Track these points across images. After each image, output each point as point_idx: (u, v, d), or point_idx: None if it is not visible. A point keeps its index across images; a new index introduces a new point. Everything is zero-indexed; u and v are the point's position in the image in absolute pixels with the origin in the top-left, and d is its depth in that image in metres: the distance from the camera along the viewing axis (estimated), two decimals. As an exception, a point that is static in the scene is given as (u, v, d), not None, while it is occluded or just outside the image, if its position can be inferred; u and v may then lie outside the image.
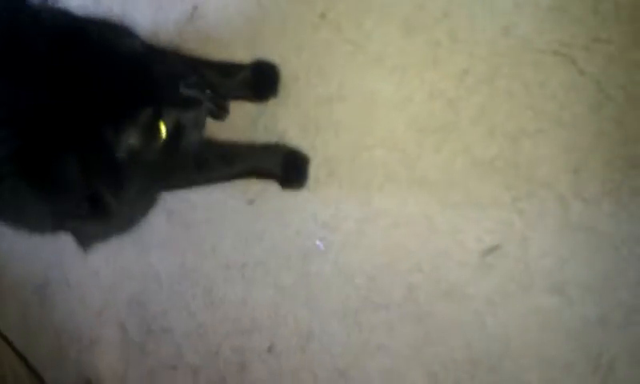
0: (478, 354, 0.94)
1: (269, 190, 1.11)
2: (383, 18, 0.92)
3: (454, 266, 0.95)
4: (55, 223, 0.77)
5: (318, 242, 1.08)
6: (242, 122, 1.13)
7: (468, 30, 0.86)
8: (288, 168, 1.07)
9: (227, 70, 1.09)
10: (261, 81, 1.08)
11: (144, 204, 0.84)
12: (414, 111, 0.93)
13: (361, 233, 1.03)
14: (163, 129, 0.67)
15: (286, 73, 1.07)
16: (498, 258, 0.91)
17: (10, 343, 1.67)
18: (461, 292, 0.94)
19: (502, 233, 0.90)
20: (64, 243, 1.46)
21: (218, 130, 1.15)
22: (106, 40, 0.67)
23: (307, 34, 1.02)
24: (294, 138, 1.07)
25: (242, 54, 1.10)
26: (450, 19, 0.87)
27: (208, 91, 0.77)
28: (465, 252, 0.94)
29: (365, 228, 1.03)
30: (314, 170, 1.06)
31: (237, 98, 1.11)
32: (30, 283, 1.59)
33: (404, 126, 0.95)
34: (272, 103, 1.09)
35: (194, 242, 1.27)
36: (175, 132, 0.69)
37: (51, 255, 1.52)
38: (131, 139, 0.64)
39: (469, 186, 0.91)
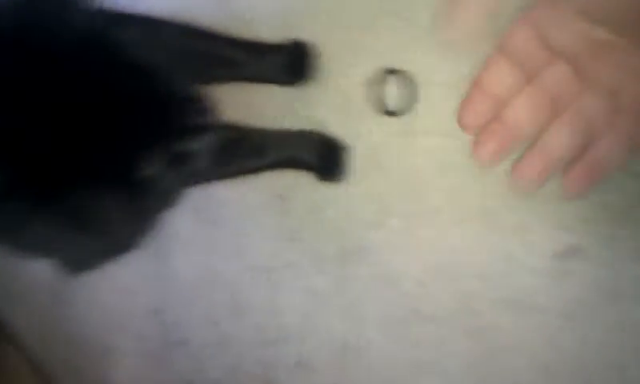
0: (549, 376, 0.80)
1: (301, 184, 1.00)
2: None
3: (522, 270, 0.82)
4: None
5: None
6: (276, 109, 1.02)
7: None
8: (325, 157, 0.96)
9: (259, 49, 0.99)
10: (295, 61, 0.98)
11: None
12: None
13: (408, 232, 0.91)
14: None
15: (324, 52, 0.95)
16: (576, 261, 0.77)
17: (21, 349, 1.59)
18: (529, 302, 0.81)
19: (583, 231, 0.77)
20: None
21: (248, 117, 1.05)
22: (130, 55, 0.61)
23: (347, 7, 0.91)
24: (334, 124, 0.96)
25: (277, 36, 0.99)
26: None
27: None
28: (535, 254, 0.81)
29: (413, 226, 0.91)
30: (356, 160, 0.94)
31: (269, 81, 1.01)
32: (45, 286, 1.50)
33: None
34: (308, 87, 0.98)
35: (218, 243, 1.16)
36: (179, 160, 0.62)
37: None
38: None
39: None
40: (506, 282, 0.83)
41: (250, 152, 0.97)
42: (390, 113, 0.88)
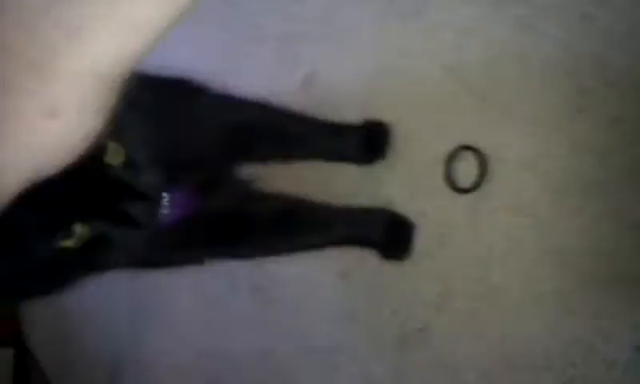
0: None
1: (366, 262, 0.98)
2: (518, 66, 0.83)
3: (597, 362, 0.75)
4: None
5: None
6: (345, 185, 1.04)
7: (621, 72, 0.74)
8: (390, 235, 0.95)
9: (338, 129, 1.03)
10: (370, 141, 1.01)
11: None
12: (549, 169, 0.80)
13: (473, 315, 0.87)
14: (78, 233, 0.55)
15: (400, 132, 0.98)
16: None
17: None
18: (606, 397, 0.73)
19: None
20: (141, 320, 1.40)
21: (318, 193, 1.07)
22: None
23: (428, 89, 0.94)
24: (401, 203, 0.96)
25: (354, 113, 1.04)
26: (600, 61, 0.76)
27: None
28: (612, 344, 0.74)
29: (479, 309, 0.87)
30: (422, 239, 0.93)
31: (347, 160, 1.03)
32: (103, 365, 1.51)
33: (536, 187, 0.82)
34: (379, 166, 1.00)
35: (276, 322, 1.14)
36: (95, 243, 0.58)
37: (126, 333, 1.45)
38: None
39: (618, 258, 0.74)
40: (579, 373, 0.76)
41: (315, 226, 0.97)
42: (462, 189, 0.88)
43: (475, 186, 0.87)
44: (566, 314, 0.78)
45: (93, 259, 0.59)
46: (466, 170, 0.88)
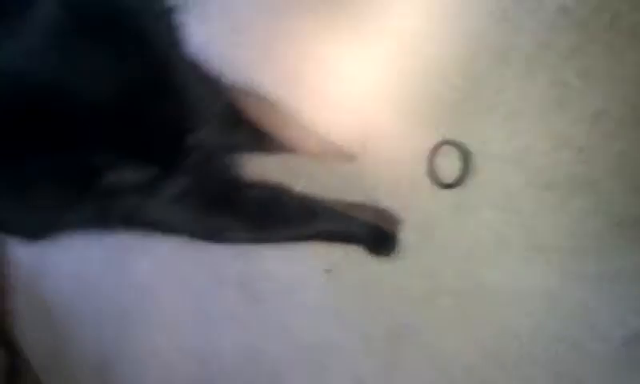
0: None
1: (352, 258, 0.98)
2: (496, 61, 0.82)
3: (583, 356, 0.76)
4: None
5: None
6: (331, 181, 1.03)
7: (604, 67, 0.73)
8: (375, 231, 0.94)
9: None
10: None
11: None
12: (533, 164, 0.79)
13: (460, 311, 0.87)
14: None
15: (380, 126, 0.97)
16: (647, 348, 0.71)
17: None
18: (593, 392, 0.74)
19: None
20: (128, 317, 1.40)
21: (302, 187, 1.06)
22: None
23: (405, 82, 0.93)
24: (384, 195, 0.95)
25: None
26: (581, 55, 0.75)
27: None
28: (599, 339, 0.75)
29: (466, 305, 0.87)
30: (407, 234, 0.92)
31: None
32: (91, 362, 1.51)
33: (521, 182, 0.81)
34: (361, 160, 0.99)
35: (262, 318, 1.14)
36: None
37: (113, 330, 1.45)
38: None
39: (605, 254, 0.74)
40: (565, 369, 0.76)
41: (299, 217, 0.96)
42: (445, 185, 0.87)
43: (459, 182, 0.86)
44: (553, 311, 0.78)
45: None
46: (449, 166, 0.87)
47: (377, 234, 0.95)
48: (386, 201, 0.95)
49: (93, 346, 1.49)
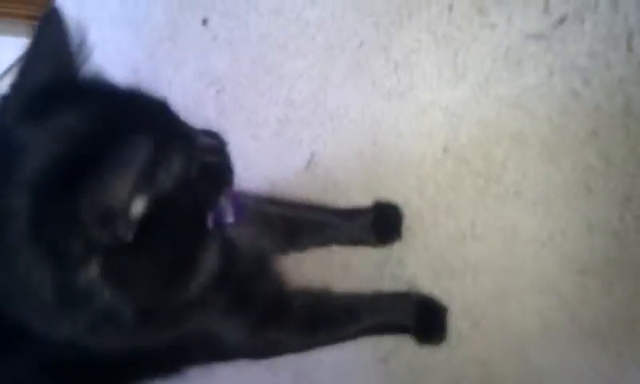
0: None
1: (404, 346, 0.99)
2: (516, 146, 0.82)
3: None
4: None
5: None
6: (366, 270, 1.06)
7: (624, 149, 0.73)
8: (423, 320, 0.96)
9: (347, 215, 1.05)
10: (383, 223, 1.02)
11: None
12: (569, 249, 0.79)
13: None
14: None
15: (409, 213, 0.99)
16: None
17: None
18: None
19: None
20: None
21: (338, 279, 1.09)
22: None
23: (429, 170, 0.94)
24: (426, 284, 0.97)
25: (362, 198, 1.05)
26: (600, 138, 0.74)
27: None
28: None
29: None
30: (453, 321, 0.93)
31: (359, 243, 1.05)
32: None
33: (559, 267, 0.81)
34: (397, 247, 1.01)
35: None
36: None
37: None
38: None
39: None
40: None
41: (342, 316, 0.98)
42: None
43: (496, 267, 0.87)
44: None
45: None
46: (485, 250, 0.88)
47: (425, 323, 0.96)
48: (427, 286, 0.96)
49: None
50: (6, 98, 0.57)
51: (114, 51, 1.77)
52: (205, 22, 1.38)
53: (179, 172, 0.55)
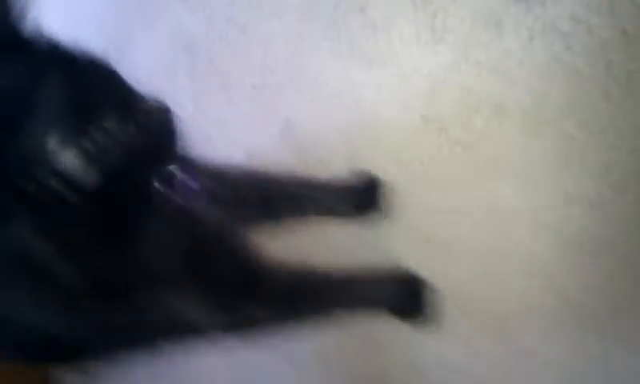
0: None
1: (379, 322, 0.99)
2: (496, 114, 0.80)
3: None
4: None
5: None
6: (346, 242, 1.04)
7: (604, 117, 0.71)
8: (404, 296, 0.95)
9: (324, 185, 1.03)
10: (361, 194, 1.00)
11: None
12: (550, 220, 0.78)
13: (500, 377, 0.87)
14: None
15: (388, 184, 0.97)
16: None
17: None
18: None
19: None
20: None
21: (317, 254, 1.07)
22: None
23: (409, 140, 0.92)
24: (406, 258, 0.96)
25: (339, 168, 1.03)
26: (580, 106, 0.72)
27: None
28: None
29: (504, 371, 0.86)
30: (433, 297, 0.93)
31: (337, 214, 1.03)
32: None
33: (543, 244, 0.80)
34: (376, 219, 1.00)
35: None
36: None
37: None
38: None
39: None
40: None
41: (321, 290, 0.97)
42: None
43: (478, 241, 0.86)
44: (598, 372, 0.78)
45: None
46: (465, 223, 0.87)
47: (405, 297, 0.95)
48: (408, 263, 0.96)
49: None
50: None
51: (86, 11, 1.71)
52: (176, -19, 1.33)
53: (114, 129, 0.54)
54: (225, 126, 1.27)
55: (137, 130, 0.57)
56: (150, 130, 0.59)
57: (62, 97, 0.47)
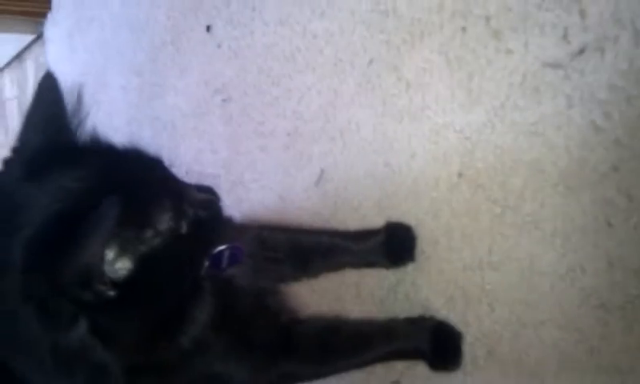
0: None
1: (416, 370, 1.00)
2: (533, 175, 0.81)
3: None
4: None
5: None
6: (379, 293, 1.06)
7: (641, 185, 0.72)
8: (438, 345, 0.96)
9: (358, 237, 1.05)
10: (395, 244, 1.02)
11: None
12: (588, 283, 0.79)
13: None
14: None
15: (423, 236, 0.99)
16: None
17: None
18: None
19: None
20: None
21: (350, 301, 1.09)
22: None
23: (444, 194, 0.94)
24: (440, 309, 0.97)
25: (373, 218, 1.05)
26: (621, 174, 0.73)
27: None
28: None
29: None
30: (468, 348, 0.94)
31: (371, 265, 1.05)
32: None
33: (578, 301, 0.80)
34: (411, 269, 1.01)
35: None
36: None
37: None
38: None
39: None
40: None
41: (355, 343, 0.99)
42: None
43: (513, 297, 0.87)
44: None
45: None
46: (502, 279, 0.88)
47: (439, 348, 0.96)
48: (441, 311, 0.97)
49: None
50: (8, 161, 0.59)
51: (116, 53, 1.76)
52: (209, 28, 1.37)
53: (168, 229, 0.58)
54: (259, 171, 1.30)
55: (189, 226, 0.60)
56: (202, 224, 0.62)
57: (118, 206, 0.49)
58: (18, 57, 2.62)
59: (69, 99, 0.61)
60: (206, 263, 0.68)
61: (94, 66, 1.90)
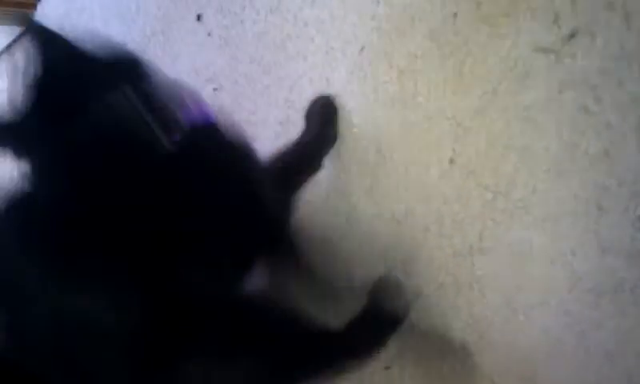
0: None
1: (407, 356, 1.00)
2: (524, 161, 0.81)
3: None
4: None
5: None
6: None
7: (636, 169, 0.72)
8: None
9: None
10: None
11: None
12: (579, 267, 0.79)
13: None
14: None
15: (414, 223, 0.98)
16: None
17: None
18: None
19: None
20: None
21: (343, 292, 1.09)
22: None
23: (435, 181, 0.93)
24: (431, 295, 0.97)
25: (364, 204, 1.04)
26: (611, 157, 0.73)
27: None
28: None
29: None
30: (460, 333, 0.94)
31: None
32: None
33: (569, 285, 0.80)
34: (402, 257, 1.01)
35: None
36: None
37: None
38: None
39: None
40: None
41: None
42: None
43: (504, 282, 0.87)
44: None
45: None
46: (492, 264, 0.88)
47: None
48: (433, 299, 0.97)
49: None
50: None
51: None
52: (199, 17, 1.35)
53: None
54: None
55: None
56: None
57: None
58: (8, 49, 2.58)
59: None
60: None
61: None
